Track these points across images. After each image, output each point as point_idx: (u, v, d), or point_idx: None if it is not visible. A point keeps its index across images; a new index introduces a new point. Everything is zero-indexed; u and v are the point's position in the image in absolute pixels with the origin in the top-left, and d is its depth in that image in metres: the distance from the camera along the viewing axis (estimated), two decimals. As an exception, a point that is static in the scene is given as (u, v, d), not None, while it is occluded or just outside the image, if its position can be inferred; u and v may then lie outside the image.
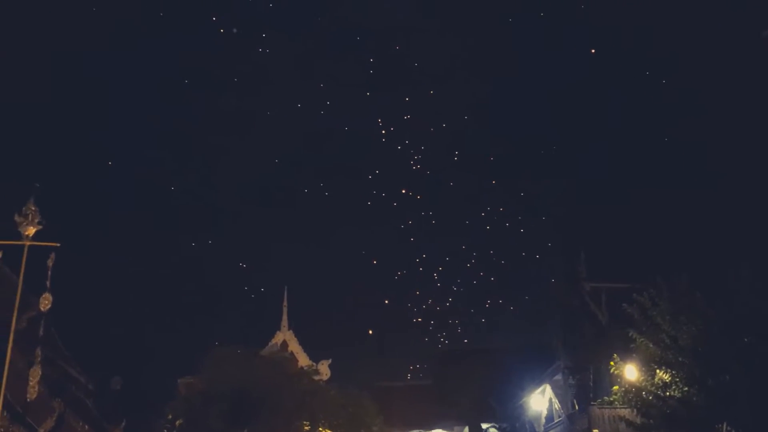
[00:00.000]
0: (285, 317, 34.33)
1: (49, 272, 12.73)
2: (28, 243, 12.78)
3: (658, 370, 16.22)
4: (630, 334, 16.91)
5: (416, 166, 38.26)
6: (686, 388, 15.57)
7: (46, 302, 12.76)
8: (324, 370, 31.40)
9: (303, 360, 32.08)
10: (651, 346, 16.35)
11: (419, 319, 36.21)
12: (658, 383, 16.14)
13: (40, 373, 12.99)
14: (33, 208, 12.96)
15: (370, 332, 34.41)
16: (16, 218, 12.84)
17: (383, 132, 38.70)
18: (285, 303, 34.55)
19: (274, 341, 33.36)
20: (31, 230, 12.83)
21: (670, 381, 15.86)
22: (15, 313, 12.67)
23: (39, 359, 12.93)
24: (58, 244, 12.86)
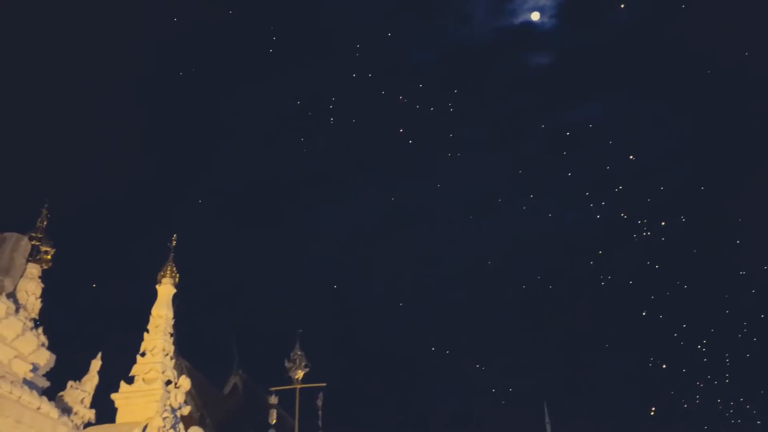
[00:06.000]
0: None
1: (320, 412, 14.04)
2: (299, 386, 13.95)
3: None
4: None
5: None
6: None
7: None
8: None
9: None
10: None
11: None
12: None
13: None
14: (299, 353, 14.05)
15: None
16: (286, 364, 13.89)
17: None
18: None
19: None
20: (300, 373, 14.00)
21: None
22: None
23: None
24: (325, 384, 14.11)
